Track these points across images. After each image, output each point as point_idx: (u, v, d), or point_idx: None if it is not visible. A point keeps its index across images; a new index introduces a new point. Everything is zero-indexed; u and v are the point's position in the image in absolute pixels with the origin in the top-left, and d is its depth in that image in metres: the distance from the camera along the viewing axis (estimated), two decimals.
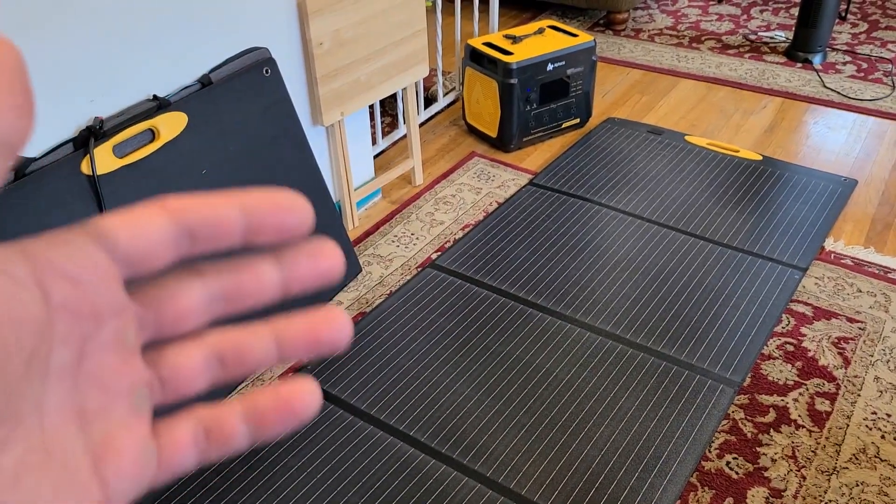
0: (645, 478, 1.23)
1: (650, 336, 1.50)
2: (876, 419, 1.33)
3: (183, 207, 0.22)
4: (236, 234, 0.22)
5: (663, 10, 3.00)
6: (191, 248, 0.22)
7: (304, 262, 0.24)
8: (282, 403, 0.23)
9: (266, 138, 1.47)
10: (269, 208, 0.23)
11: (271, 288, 0.24)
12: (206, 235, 0.22)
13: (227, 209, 0.22)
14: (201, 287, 0.23)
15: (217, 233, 0.22)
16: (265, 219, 0.23)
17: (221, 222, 0.22)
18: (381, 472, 1.26)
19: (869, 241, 1.76)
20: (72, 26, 1.18)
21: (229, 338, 0.23)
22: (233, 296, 0.23)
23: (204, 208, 0.22)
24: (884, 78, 2.43)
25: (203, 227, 0.22)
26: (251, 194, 0.23)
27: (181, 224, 0.21)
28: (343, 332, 0.24)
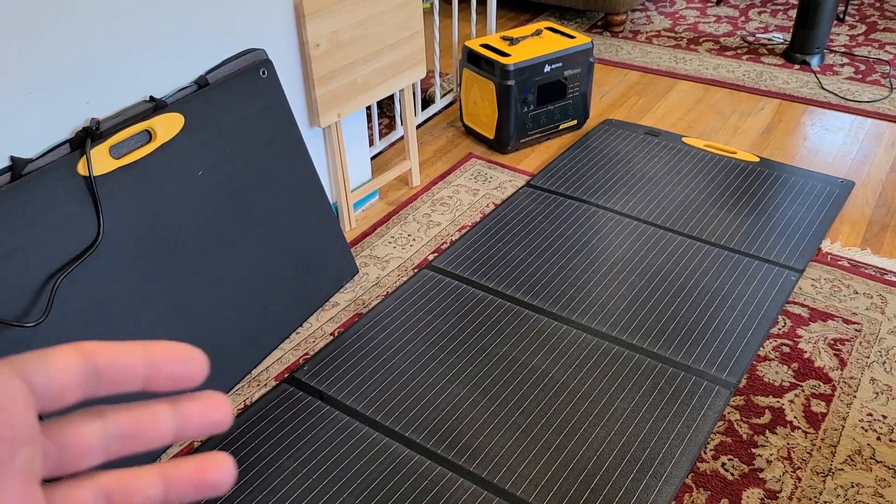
0: (640, 479, 1.24)
1: (646, 337, 1.50)
2: (872, 421, 1.33)
3: (94, 350, 0.24)
4: (138, 380, 0.25)
5: (661, 12, 3.00)
6: (96, 390, 0.24)
7: (197, 409, 0.26)
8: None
9: (263, 140, 1.48)
10: (168, 358, 0.25)
11: (167, 432, 0.26)
12: (112, 378, 0.24)
13: (132, 356, 0.24)
14: (102, 427, 0.25)
15: (121, 377, 0.24)
16: (164, 367, 0.25)
17: (127, 367, 0.24)
18: (377, 473, 1.26)
19: (865, 243, 1.76)
20: (68, 27, 1.18)
21: (118, 479, 0.25)
22: (131, 437, 0.25)
23: (112, 353, 0.24)
24: (881, 80, 2.43)
25: (110, 370, 0.24)
26: (154, 344, 0.25)
27: (91, 365, 0.24)
28: (226, 475, 0.26)
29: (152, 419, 0.25)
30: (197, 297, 1.36)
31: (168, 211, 1.32)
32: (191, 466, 0.26)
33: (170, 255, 1.33)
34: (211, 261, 1.39)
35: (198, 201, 1.37)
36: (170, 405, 0.26)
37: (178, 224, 1.34)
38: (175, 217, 1.33)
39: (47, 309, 1.15)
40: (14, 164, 1.14)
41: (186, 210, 1.35)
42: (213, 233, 1.39)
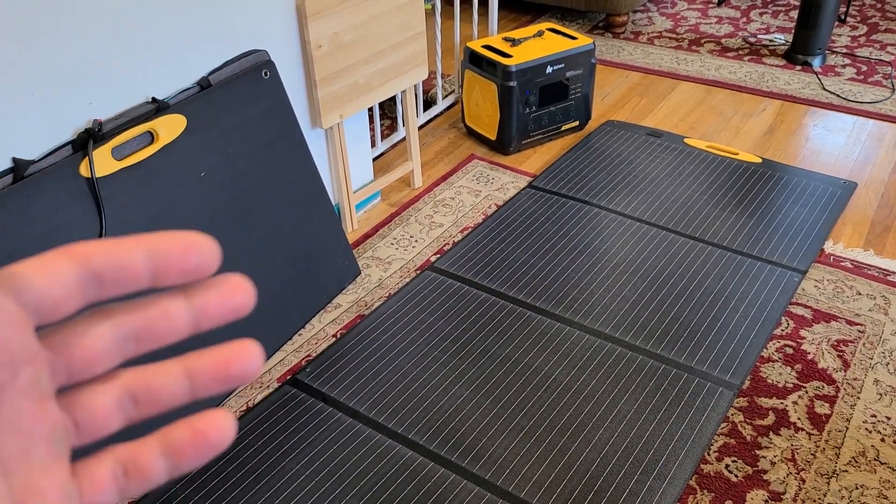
0: (644, 481, 1.23)
1: (649, 339, 1.50)
2: (875, 422, 1.33)
3: (88, 253, 0.22)
4: (143, 278, 0.23)
5: (662, 13, 3.00)
6: (98, 294, 0.23)
7: (214, 297, 0.25)
8: (197, 436, 0.24)
9: (265, 141, 1.47)
10: (174, 250, 0.23)
11: (182, 326, 0.24)
12: (113, 280, 0.23)
13: (132, 253, 0.23)
14: (110, 329, 0.23)
15: (124, 277, 0.23)
16: (171, 261, 0.23)
17: (127, 266, 0.23)
18: (380, 474, 1.26)
19: (868, 244, 1.76)
20: (71, 28, 1.18)
21: (141, 377, 0.24)
22: (143, 336, 0.24)
23: (109, 253, 0.23)
24: (883, 80, 2.43)
25: (109, 271, 0.22)
26: (157, 237, 0.23)
27: (87, 270, 0.22)
28: (253, 362, 0.25)
29: (165, 313, 0.24)
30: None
31: (170, 212, 1.32)
32: (216, 357, 0.25)
33: None
34: None
35: (200, 202, 1.37)
36: (183, 295, 0.24)
37: (180, 225, 1.33)
38: (177, 218, 1.33)
39: None
40: (16, 165, 1.14)
41: (189, 211, 1.35)
42: (215, 234, 1.39)
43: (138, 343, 0.24)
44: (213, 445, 0.24)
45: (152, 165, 1.29)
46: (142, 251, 0.23)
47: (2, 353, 0.21)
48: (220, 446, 0.24)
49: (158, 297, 0.24)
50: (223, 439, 0.24)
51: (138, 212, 1.27)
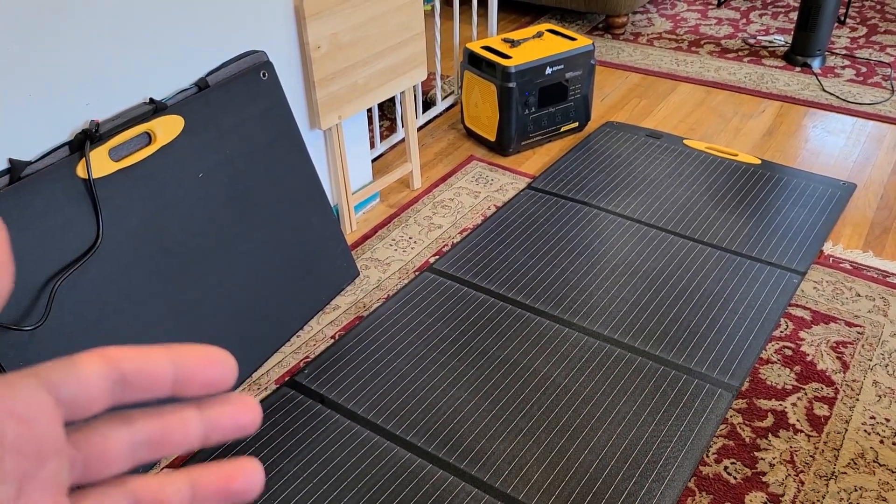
0: (642, 482, 1.23)
1: (648, 340, 1.50)
2: (874, 424, 1.32)
3: (120, 357, 0.24)
4: (166, 386, 0.24)
5: (662, 14, 3.00)
6: (123, 397, 0.24)
7: (225, 413, 0.26)
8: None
9: (263, 142, 1.47)
10: (197, 362, 0.25)
11: (193, 438, 0.25)
12: (139, 385, 0.24)
13: (159, 361, 0.24)
14: (129, 433, 0.24)
15: (149, 383, 0.24)
16: (193, 372, 0.25)
17: (154, 373, 0.24)
18: (378, 476, 1.25)
19: (868, 245, 1.75)
20: (68, 29, 1.17)
21: (148, 486, 0.25)
22: (157, 443, 0.25)
23: (139, 359, 0.24)
24: (883, 82, 2.42)
25: (137, 376, 0.24)
26: (182, 348, 0.25)
27: (118, 373, 0.23)
28: (255, 482, 0.26)
29: (180, 424, 0.25)
30: (197, 301, 1.36)
31: (168, 213, 1.32)
32: (219, 473, 0.25)
33: (170, 258, 1.32)
34: (211, 264, 1.38)
35: (198, 204, 1.36)
36: (197, 409, 0.26)
37: (178, 227, 1.33)
38: (175, 220, 1.33)
39: (46, 312, 1.14)
40: (13, 166, 1.14)
41: (186, 213, 1.34)
42: (214, 235, 1.39)
43: (151, 449, 0.25)
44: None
45: (150, 167, 1.29)
46: (168, 360, 0.24)
47: (35, 443, 0.21)
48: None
49: (174, 407, 0.25)
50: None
51: (136, 213, 1.27)
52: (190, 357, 0.25)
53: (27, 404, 0.22)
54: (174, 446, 0.25)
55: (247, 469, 0.26)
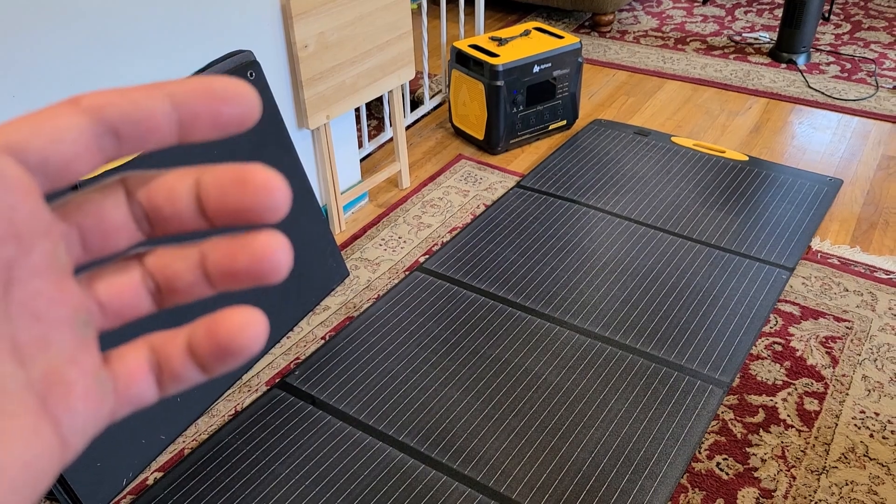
0: (635, 480, 1.23)
1: (639, 337, 1.50)
2: (864, 418, 1.33)
3: (101, 104, 0.19)
4: (168, 131, 0.20)
5: (648, 12, 3.01)
6: (118, 150, 0.19)
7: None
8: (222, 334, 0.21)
9: (251, 142, 1.46)
10: (201, 97, 0.20)
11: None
12: (133, 133, 0.19)
13: (153, 102, 0.19)
14: (127, 202, 0.20)
15: (145, 129, 0.19)
16: (199, 109, 0.20)
17: (148, 116, 0.19)
18: (370, 478, 1.25)
19: (855, 241, 1.77)
20: (54, 28, 1.16)
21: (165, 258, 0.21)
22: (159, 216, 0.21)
23: (125, 102, 0.19)
24: (867, 78, 2.44)
25: (127, 123, 0.19)
26: (181, 82, 0.20)
27: (101, 123, 0.19)
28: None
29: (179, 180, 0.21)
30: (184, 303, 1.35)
31: None
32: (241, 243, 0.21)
33: None
34: None
35: None
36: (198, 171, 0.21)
37: None
38: None
39: None
40: None
41: None
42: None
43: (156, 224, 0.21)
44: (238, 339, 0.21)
45: (136, 167, 1.27)
46: (164, 99, 0.19)
47: (10, 224, 0.17)
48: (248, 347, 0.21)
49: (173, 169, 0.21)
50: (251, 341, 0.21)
51: None
52: (190, 90, 0.19)
53: None
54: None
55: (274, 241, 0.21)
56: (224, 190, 0.21)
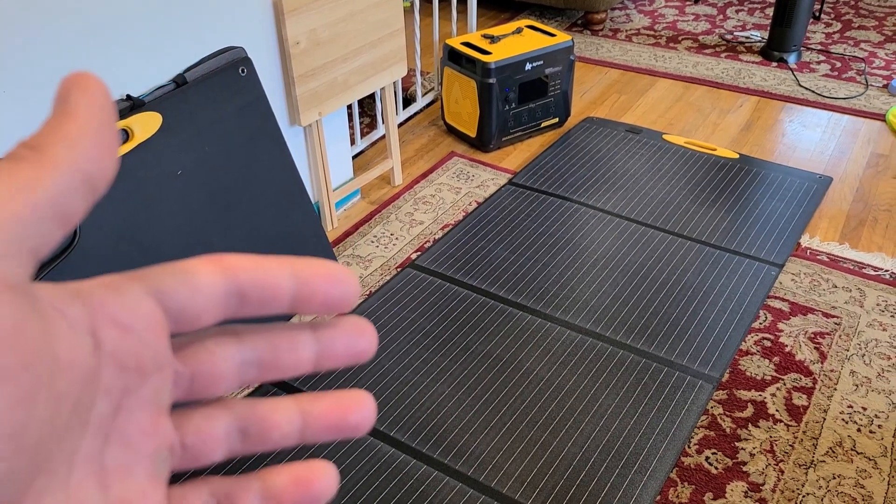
0: (625, 474, 1.24)
1: (629, 333, 1.51)
2: (852, 413, 1.34)
3: (236, 266, 0.21)
4: (285, 301, 0.22)
5: (640, 11, 3.02)
6: (238, 311, 0.21)
7: (340, 337, 0.23)
8: (300, 485, 0.23)
9: (242, 139, 1.46)
10: (319, 279, 0.22)
11: (306, 361, 0.23)
12: (257, 299, 0.21)
13: (279, 273, 0.22)
14: (238, 351, 0.22)
15: (267, 297, 0.22)
16: (315, 289, 0.22)
17: (273, 286, 0.21)
18: (362, 473, 1.25)
19: (844, 238, 1.78)
20: (42, 24, 1.16)
21: (256, 411, 0.23)
22: (267, 364, 0.23)
23: (257, 270, 0.21)
24: (857, 76, 2.46)
25: (255, 289, 0.21)
26: (303, 262, 0.22)
27: (234, 284, 0.21)
28: (369, 415, 0.24)
29: (292, 345, 0.23)
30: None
31: (146, 211, 1.30)
32: (331, 403, 0.23)
33: (148, 256, 1.31)
34: None
35: (177, 201, 1.35)
36: (311, 330, 0.23)
37: (156, 225, 1.32)
38: (153, 218, 1.31)
39: None
40: None
41: (165, 211, 1.33)
42: (193, 233, 1.38)
43: (261, 370, 0.23)
44: (315, 497, 0.23)
45: (127, 164, 1.27)
46: (288, 274, 0.22)
47: (138, 356, 0.19)
48: (323, 499, 0.23)
49: (286, 326, 0.23)
50: (326, 492, 0.23)
51: (113, 211, 1.25)
52: (311, 271, 0.22)
53: (132, 311, 0.19)
54: (285, 369, 0.23)
55: (361, 400, 0.23)
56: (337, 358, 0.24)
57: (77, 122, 0.18)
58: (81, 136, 0.18)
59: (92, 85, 0.19)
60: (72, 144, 0.18)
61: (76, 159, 0.18)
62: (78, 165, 0.18)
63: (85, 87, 0.19)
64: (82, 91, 0.19)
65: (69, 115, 0.18)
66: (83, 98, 0.19)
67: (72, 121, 0.18)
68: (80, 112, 0.18)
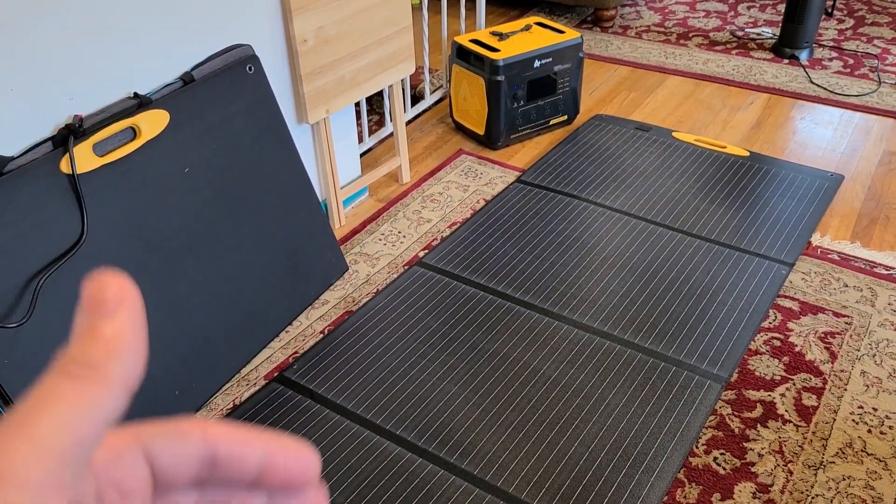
0: (632, 474, 1.23)
1: (637, 332, 1.50)
2: (862, 413, 1.33)
3: (220, 439, 0.23)
4: (250, 474, 0.23)
5: (651, 7, 3.00)
6: (208, 474, 0.23)
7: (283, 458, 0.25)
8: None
9: (250, 136, 1.46)
10: (285, 458, 0.24)
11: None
12: (227, 469, 0.23)
13: (253, 450, 0.23)
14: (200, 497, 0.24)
15: (237, 469, 0.23)
16: (278, 466, 0.24)
17: (245, 460, 0.23)
18: (368, 471, 1.25)
19: (855, 236, 1.76)
20: (51, 22, 1.16)
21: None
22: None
23: (234, 442, 0.23)
24: (870, 73, 2.43)
25: (229, 461, 0.23)
26: (274, 439, 0.24)
27: (212, 452, 0.23)
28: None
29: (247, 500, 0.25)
30: (184, 297, 1.35)
31: (154, 209, 1.31)
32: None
33: (156, 253, 1.31)
34: (198, 259, 1.37)
35: (184, 199, 1.35)
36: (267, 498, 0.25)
37: (164, 222, 1.32)
38: (161, 215, 1.32)
39: (30, 309, 1.13)
40: None
41: (172, 208, 1.33)
42: (200, 231, 1.38)
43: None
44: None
45: (135, 161, 1.28)
46: (260, 449, 0.23)
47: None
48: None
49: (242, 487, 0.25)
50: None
51: (121, 209, 1.26)
52: (279, 449, 0.24)
53: (130, 477, 0.21)
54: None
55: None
56: None
57: (125, 339, 0.20)
58: (129, 352, 0.20)
59: (130, 294, 0.20)
60: (123, 364, 0.20)
61: (126, 377, 0.20)
62: (127, 381, 0.20)
63: (124, 297, 0.20)
64: (122, 301, 0.20)
65: (117, 330, 0.20)
66: (125, 311, 0.20)
67: (120, 337, 0.20)
68: (125, 326, 0.20)
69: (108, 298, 0.20)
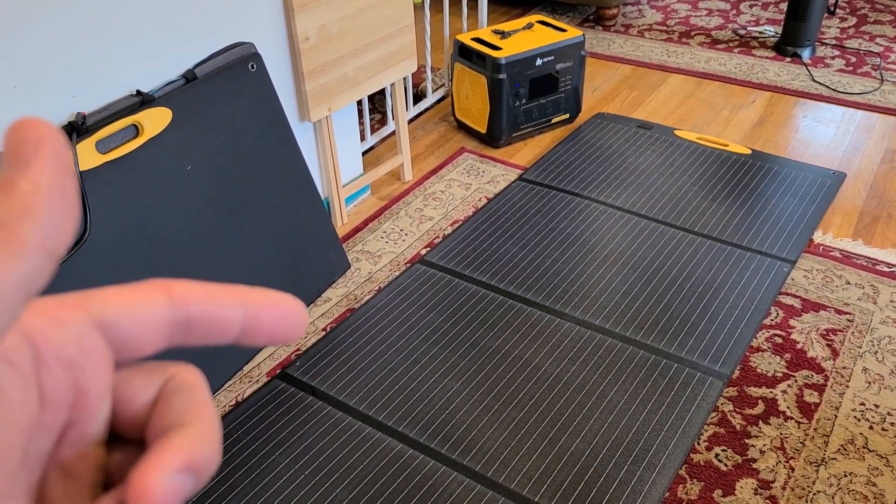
0: (634, 471, 1.23)
1: (639, 330, 1.50)
2: (864, 410, 1.33)
3: (188, 299, 0.20)
4: (232, 333, 0.21)
5: (653, 6, 3.00)
6: (184, 340, 0.21)
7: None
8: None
9: (252, 134, 1.47)
10: (269, 312, 0.22)
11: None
12: (204, 330, 0.21)
13: (231, 306, 0.21)
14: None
15: (216, 329, 0.21)
16: (263, 321, 0.22)
17: (224, 319, 0.21)
18: (370, 468, 1.25)
19: (857, 234, 1.76)
20: (53, 19, 1.17)
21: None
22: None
23: (209, 302, 0.21)
24: (872, 72, 2.43)
25: (205, 321, 0.21)
26: (255, 294, 0.22)
27: (183, 314, 0.20)
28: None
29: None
30: None
31: (156, 206, 1.31)
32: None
33: (158, 251, 1.31)
34: (200, 257, 1.38)
35: (186, 197, 1.36)
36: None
37: (166, 220, 1.33)
38: (163, 213, 1.32)
39: None
40: None
41: (175, 206, 1.34)
42: (203, 228, 1.38)
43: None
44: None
45: (137, 159, 1.28)
46: (238, 306, 0.21)
47: (79, 393, 0.19)
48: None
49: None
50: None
51: (123, 206, 1.26)
52: (260, 303, 0.21)
53: (75, 347, 0.19)
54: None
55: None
56: None
57: (41, 194, 0.16)
58: (47, 210, 0.16)
59: (50, 141, 0.17)
60: (38, 223, 0.16)
61: (43, 239, 0.16)
62: (45, 245, 0.16)
63: (42, 145, 0.17)
64: (40, 149, 0.17)
65: (31, 183, 0.16)
66: (44, 161, 0.17)
67: (35, 191, 0.16)
68: (42, 179, 0.16)
69: (25, 146, 0.17)
